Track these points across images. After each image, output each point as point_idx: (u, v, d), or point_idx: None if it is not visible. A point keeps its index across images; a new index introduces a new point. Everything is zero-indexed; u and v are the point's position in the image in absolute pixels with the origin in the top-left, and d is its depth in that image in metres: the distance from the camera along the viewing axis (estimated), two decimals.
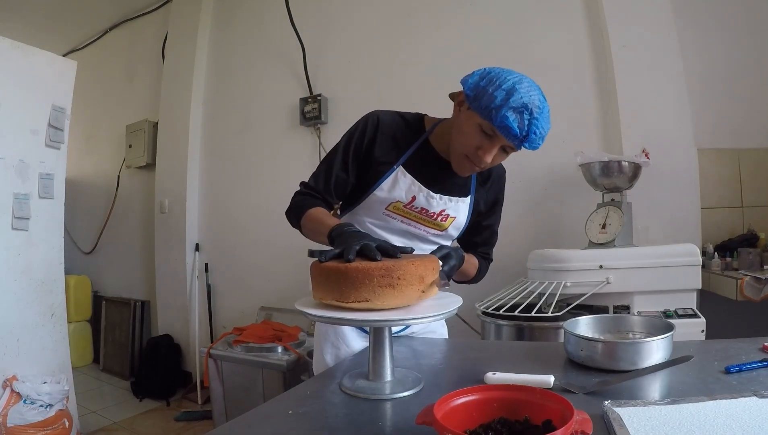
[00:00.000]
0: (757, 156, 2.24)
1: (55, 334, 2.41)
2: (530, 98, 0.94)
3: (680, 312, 1.63)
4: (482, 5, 2.59)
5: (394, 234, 1.19)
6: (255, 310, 3.13)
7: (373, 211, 1.17)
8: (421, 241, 1.21)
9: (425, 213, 1.16)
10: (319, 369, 1.22)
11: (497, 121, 0.94)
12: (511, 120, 0.93)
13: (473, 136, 1.01)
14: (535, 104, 0.94)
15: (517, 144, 0.98)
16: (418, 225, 1.18)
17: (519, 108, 0.93)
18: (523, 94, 0.94)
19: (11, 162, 2.24)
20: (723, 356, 0.90)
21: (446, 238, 1.23)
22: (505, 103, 0.93)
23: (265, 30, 3.28)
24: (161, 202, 3.55)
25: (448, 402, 0.61)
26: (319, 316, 0.84)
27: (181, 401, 3.17)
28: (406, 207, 1.15)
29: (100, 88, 4.13)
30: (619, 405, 0.70)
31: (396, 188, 1.13)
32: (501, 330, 1.76)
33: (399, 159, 1.13)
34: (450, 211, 1.17)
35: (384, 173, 1.12)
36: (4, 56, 2.20)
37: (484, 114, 0.96)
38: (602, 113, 2.33)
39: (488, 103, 0.95)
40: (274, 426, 0.73)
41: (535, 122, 0.94)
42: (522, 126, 0.94)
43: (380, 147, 1.12)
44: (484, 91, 0.96)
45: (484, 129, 0.99)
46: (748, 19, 2.23)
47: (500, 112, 0.93)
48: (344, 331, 1.22)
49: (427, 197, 1.14)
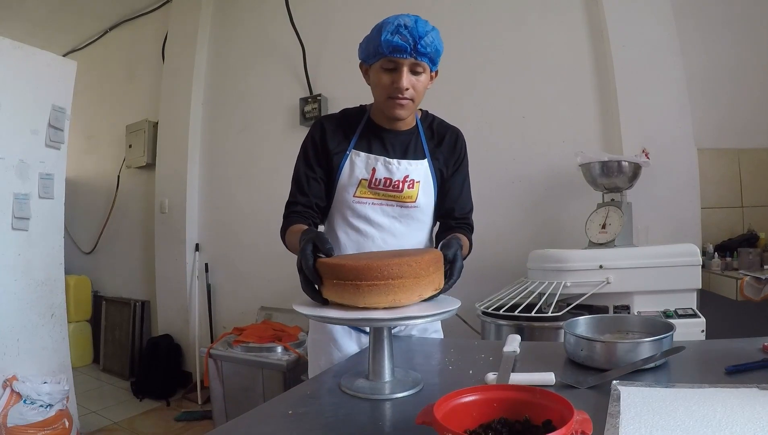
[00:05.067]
0: (757, 156, 2.24)
1: (55, 334, 2.41)
2: (399, 19, 1.06)
3: (680, 312, 1.63)
4: (482, 5, 2.59)
5: (372, 223, 1.19)
6: (255, 310, 3.13)
7: (345, 204, 1.20)
8: (399, 222, 1.21)
9: (390, 184, 1.19)
10: (314, 374, 1.22)
11: (385, 49, 1.06)
12: (392, 40, 1.05)
13: (382, 77, 1.11)
14: (405, 19, 1.06)
15: (414, 54, 1.06)
16: (390, 201, 1.20)
17: (393, 29, 1.05)
18: (392, 20, 1.07)
19: (11, 162, 2.24)
20: (723, 356, 0.90)
21: (423, 211, 1.24)
22: (380, 35, 1.06)
23: (265, 30, 3.28)
24: (161, 202, 3.55)
25: (448, 402, 0.61)
26: (317, 316, 0.84)
27: (181, 401, 3.17)
28: (371, 186, 1.18)
29: (100, 88, 4.13)
30: (624, 384, 0.75)
31: (355, 169, 1.18)
32: (501, 330, 1.75)
33: (350, 145, 1.20)
34: (413, 175, 1.20)
35: (340, 161, 1.19)
36: (4, 56, 2.21)
37: (376, 56, 1.09)
38: (602, 113, 2.33)
39: (373, 47, 1.09)
40: (274, 426, 0.73)
41: (414, 28, 1.05)
42: (405, 38, 1.05)
43: (332, 140, 1.20)
44: (366, 44, 1.12)
45: (384, 66, 1.10)
46: (748, 19, 2.23)
47: (382, 42, 1.06)
48: (336, 338, 1.22)
49: (385, 164, 1.19)
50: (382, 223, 1.20)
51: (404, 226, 1.21)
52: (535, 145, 2.42)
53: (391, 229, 1.20)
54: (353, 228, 1.20)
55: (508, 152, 2.46)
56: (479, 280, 2.21)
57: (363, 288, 0.80)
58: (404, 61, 1.07)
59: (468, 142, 1.31)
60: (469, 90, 2.58)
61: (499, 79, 2.53)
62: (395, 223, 1.21)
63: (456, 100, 2.59)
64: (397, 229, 1.21)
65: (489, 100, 2.54)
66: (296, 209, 1.18)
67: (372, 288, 0.80)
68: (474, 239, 1.29)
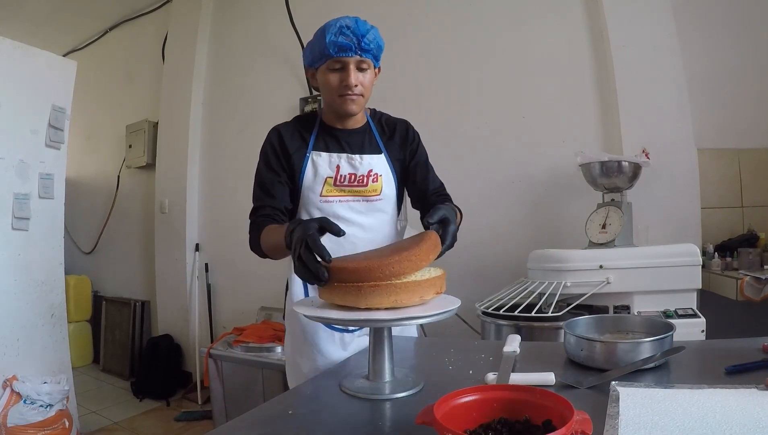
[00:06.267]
0: (757, 156, 2.24)
1: (55, 334, 2.42)
2: (339, 21, 1.09)
3: (680, 312, 1.63)
4: (482, 5, 2.59)
5: (341, 220, 1.19)
6: (255, 310, 3.13)
7: (312, 204, 1.20)
8: (366, 216, 1.23)
9: (355, 179, 1.21)
10: (298, 382, 1.16)
11: (330, 50, 1.09)
12: (338, 39, 1.08)
13: (330, 78, 1.14)
14: (347, 21, 1.09)
15: (360, 52, 1.11)
16: (357, 197, 1.22)
17: (337, 30, 1.09)
18: (333, 22, 1.10)
19: (11, 162, 2.24)
20: (723, 356, 0.90)
21: (387, 203, 1.27)
22: (324, 37, 1.09)
23: (265, 30, 3.28)
24: (161, 202, 3.55)
25: (448, 402, 0.61)
26: (317, 317, 0.84)
27: (181, 401, 3.17)
28: (337, 183, 1.20)
29: (100, 88, 4.13)
30: (623, 385, 0.75)
31: (319, 168, 1.20)
32: (501, 330, 1.75)
33: (308, 147, 1.22)
34: (375, 169, 1.23)
35: (302, 163, 1.21)
36: (4, 56, 2.21)
37: (321, 58, 1.12)
38: (602, 113, 2.33)
39: (318, 50, 1.12)
40: (274, 426, 0.73)
41: (355, 27, 1.09)
42: (348, 38, 1.08)
43: (290, 144, 1.22)
44: (311, 49, 1.15)
45: (331, 67, 1.13)
46: (748, 18, 2.23)
47: (328, 44, 1.09)
48: (320, 343, 1.20)
49: (348, 160, 1.21)
50: (351, 219, 1.21)
51: (371, 219, 1.24)
52: (535, 145, 2.42)
53: (360, 223, 1.22)
54: None
55: (508, 152, 2.46)
56: (479, 280, 2.21)
57: (365, 289, 0.80)
58: (350, 60, 1.11)
59: (468, 142, 1.32)
60: (470, 90, 2.58)
61: (499, 79, 2.53)
62: (362, 217, 1.23)
63: (456, 100, 2.60)
64: (365, 222, 1.23)
65: (489, 100, 2.54)
66: (266, 213, 1.16)
67: (374, 289, 0.80)
68: (474, 240, 1.30)
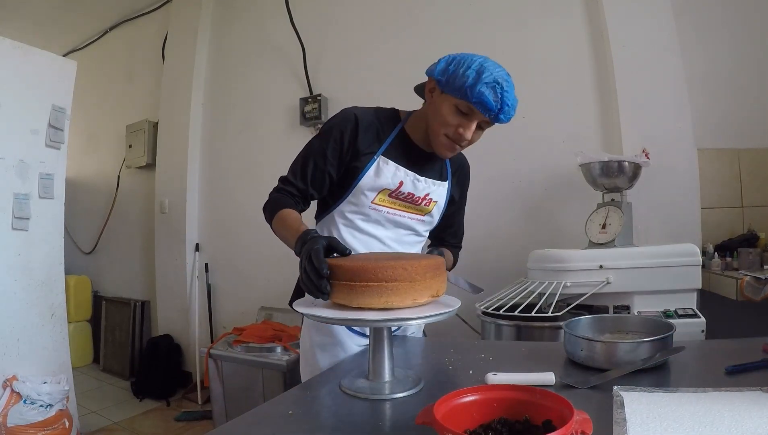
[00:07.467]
0: (757, 156, 2.24)
1: (55, 334, 2.41)
2: (499, 74, 1.01)
3: (680, 312, 1.63)
4: (482, 5, 2.59)
5: (379, 225, 1.20)
6: (255, 310, 3.13)
7: (359, 206, 1.17)
8: (405, 230, 1.23)
9: (411, 198, 1.19)
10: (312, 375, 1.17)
11: (474, 97, 1.00)
12: (486, 95, 1.00)
13: (451, 116, 1.07)
14: (504, 78, 1.02)
15: (493, 118, 1.04)
16: (404, 213, 1.21)
17: (491, 83, 1.00)
18: (492, 70, 1.01)
19: (11, 162, 2.24)
20: (723, 356, 0.90)
21: (428, 223, 1.27)
22: (478, 81, 1.00)
23: (265, 30, 3.28)
24: (161, 202, 3.55)
25: (448, 402, 0.61)
26: (316, 316, 0.84)
27: (181, 401, 3.17)
28: (392, 195, 1.17)
29: (100, 88, 4.12)
30: (626, 389, 0.74)
31: (381, 176, 1.15)
32: (501, 330, 1.75)
33: (379, 149, 1.16)
34: (433, 195, 1.22)
35: (366, 163, 1.15)
36: (4, 56, 2.20)
37: (460, 94, 1.02)
38: (602, 113, 2.33)
39: (462, 83, 1.01)
40: (274, 426, 0.73)
41: (507, 95, 1.01)
42: (496, 99, 1.01)
43: (362, 140, 1.14)
44: (455, 73, 1.03)
45: (461, 108, 1.05)
46: (748, 19, 2.23)
47: (475, 90, 1.00)
48: (343, 340, 1.20)
49: (413, 181, 1.18)
50: (390, 231, 1.21)
51: (407, 234, 1.24)
52: (535, 145, 2.42)
53: (397, 238, 1.23)
54: (362, 231, 1.19)
55: (508, 152, 2.46)
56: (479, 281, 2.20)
57: (356, 289, 0.80)
58: (480, 117, 1.05)
59: None
60: None
61: None
62: (400, 228, 1.23)
63: None
64: (400, 232, 1.23)
65: None
66: (290, 190, 1.16)
67: (365, 289, 0.80)
68: (474, 240, 1.31)
